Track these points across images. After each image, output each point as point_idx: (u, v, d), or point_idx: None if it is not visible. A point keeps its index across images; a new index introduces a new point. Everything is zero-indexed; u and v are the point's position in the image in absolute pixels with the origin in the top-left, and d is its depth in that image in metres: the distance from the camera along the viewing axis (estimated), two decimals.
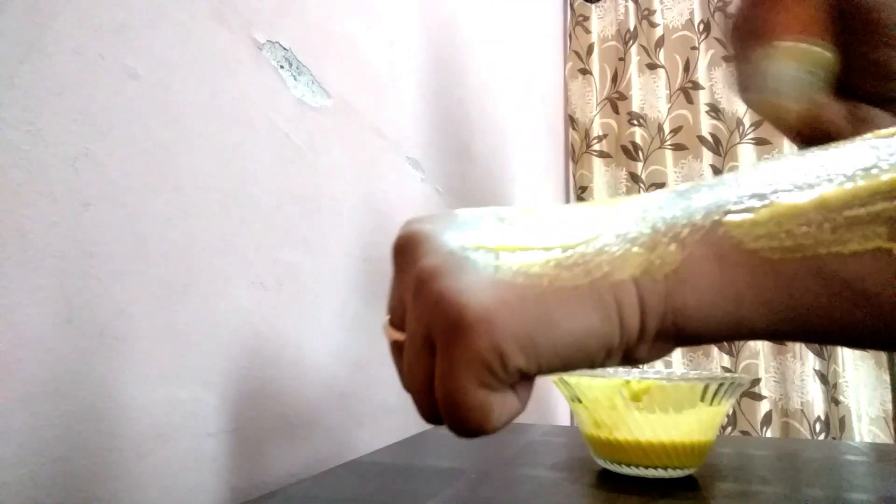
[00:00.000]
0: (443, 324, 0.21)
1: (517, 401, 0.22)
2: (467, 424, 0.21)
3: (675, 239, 0.21)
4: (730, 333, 0.21)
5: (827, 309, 0.19)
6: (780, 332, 0.20)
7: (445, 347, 0.21)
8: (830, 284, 0.19)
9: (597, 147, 1.68)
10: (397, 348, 0.25)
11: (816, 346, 1.38)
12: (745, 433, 1.41)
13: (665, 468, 0.43)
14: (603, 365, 0.22)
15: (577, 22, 1.76)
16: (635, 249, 0.21)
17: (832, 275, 0.19)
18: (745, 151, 1.52)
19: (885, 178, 0.18)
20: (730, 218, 0.20)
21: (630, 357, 0.22)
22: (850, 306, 0.19)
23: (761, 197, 0.20)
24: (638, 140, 1.62)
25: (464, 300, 0.20)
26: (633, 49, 1.65)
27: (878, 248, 0.18)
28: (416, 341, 0.22)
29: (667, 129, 1.60)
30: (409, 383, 0.23)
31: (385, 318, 0.25)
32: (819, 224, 0.19)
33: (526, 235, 0.22)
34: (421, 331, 0.22)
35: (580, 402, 0.45)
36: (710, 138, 1.56)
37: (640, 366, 0.23)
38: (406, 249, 0.23)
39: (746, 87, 0.42)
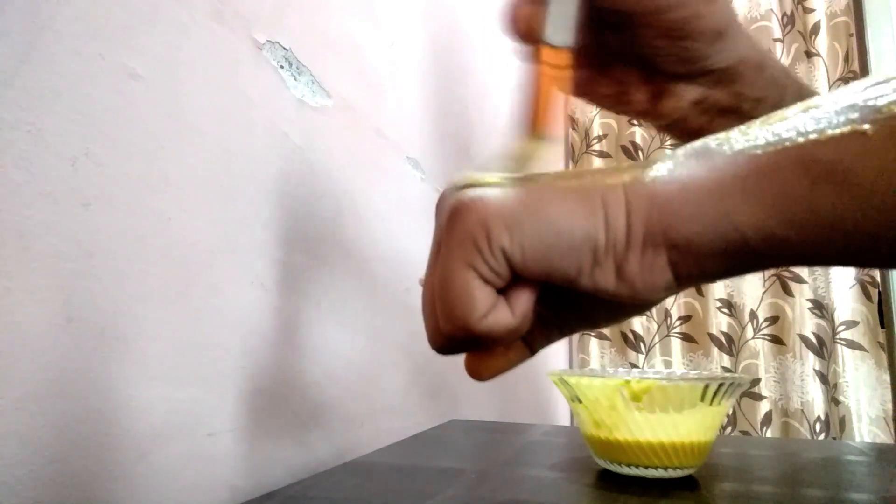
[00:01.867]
0: (447, 218, 0.23)
1: (508, 311, 0.23)
2: (453, 308, 0.22)
3: (664, 157, 0.22)
4: (720, 237, 0.20)
5: (809, 194, 0.19)
6: (769, 233, 0.20)
7: (445, 236, 0.22)
8: (810, 168, 0.19)
9: (597, 147, 1.68)
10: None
11: (816, 346, 1.38)
12: (745, 433, 1.41)
13: (665, 468, 0.43)
14: (593, 278, 0.22)
15: None
16: (626, 167, 0.23)
17: (812, 159, 0.19)
18: None
19: (861, 85, 0.20)
20: (718, 137, 0.22)
21: (623, 273, 0.22)
22: (830, 188, 0.19)
23: (753, 122, 0.22)
24: (638, 140, 1.62)
25: (469, 194, 0.22)
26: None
27: (852, 130, 0.19)
28: (432, 253, 0.24)
29: None
30: (423, 302, 0.24)
31: (422, 274, 0.26)
32: (801, 120, 0.20)
33: (540, 175, 0.24)
34: (435, 242, 0.24)
35: (580, 402, 0.45)
36: None
37: (640, 298, 0.22)
38: (438, 200, 0.25)
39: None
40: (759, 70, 0.35)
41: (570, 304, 0.27)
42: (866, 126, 0.19)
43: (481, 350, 0.26)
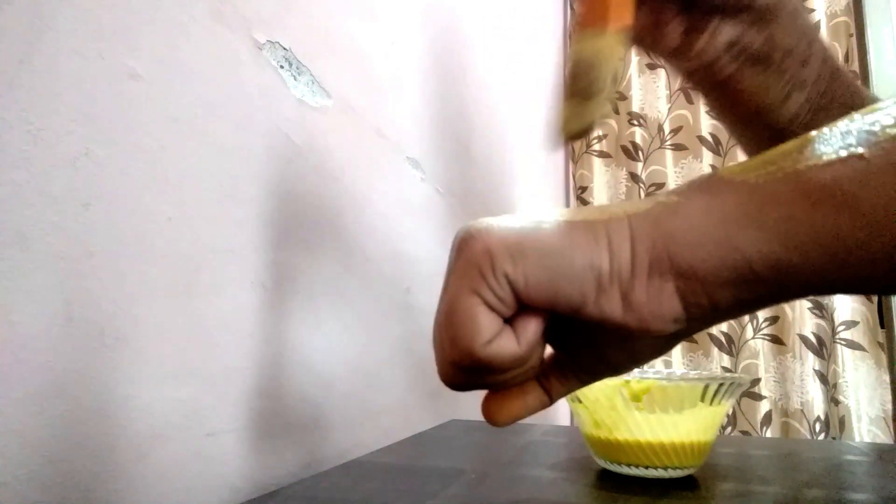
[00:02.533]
0: (455, 249, 0.23)
1: (514, 339, 0.23)
2: (456, 333, 0.22)
3: (666, 191, 0.23)
4: (725, 263, 0.21)
5: (809, 217, 0.20)
6: (773, 258, 0.20)
7: (452, 266, 0.23)
8: (809, 192, 0.20)
9: (597, 147, 1.68)
10: None
11: (816, 346, 1.38)
12: (745, 433, 1.41)
13: (665, 468, 0.43)
14: (599, 305, 0.22)
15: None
16: (630, 202, 0.23)
17: (810, 183, 0.20)
18: None
19: (856, 116, 0.21)
20: (723, 170, 0.23)
21: (629, 302, 0.22)
22: (831, 211, 0.19)
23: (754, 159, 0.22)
24: (638, 140, 1.62)
25: (475, 224, 0.23)
26: (633, 49, 1.65)
27: (849, 154, 0.19)
28: (444, 287, 0.24)
29: (667, 129, 1.60)
30: (433, 339, 0.25)
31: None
32: (799, 149, 0.21)
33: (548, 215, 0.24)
34: (447, 274, 0.24)
35: (580, 402, 0.45)
36: (710, 138, 1.56)
37: (648, 328, 0.22)
38: (457, 237, 0.25)
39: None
40: (794, 17, 0.35)
41: (585, 345, 0.26)
42: (863, 150, 0.19)
43: (494, 388, 0.26)
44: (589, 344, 0.26)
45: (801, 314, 1.41)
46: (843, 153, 0.20)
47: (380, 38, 0.69)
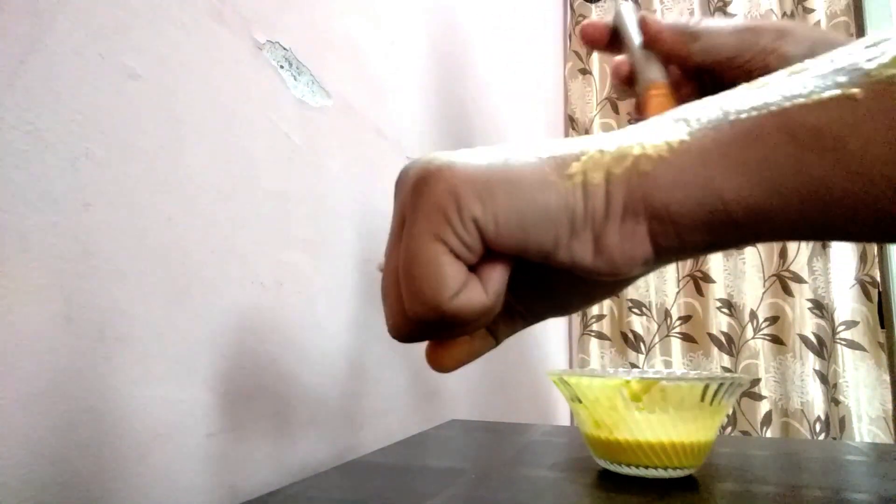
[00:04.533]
0: (411, 188, 0.21)
1: (481, 289, 0.21)
2: (420, 285, 0.20)
3: (645, 129, 0.21)
4: (702, 205, 0.19)
5: (795, 161, 0.18)
6: (752, 202, 0.19)
7: (411, 208, 0.21)
8: (798, 134, 0.18)
9: None
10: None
11: (816, 346, 1.38)
12: (745, 433, 1.41)
13: (665, 468, 0.43)
14: (571, 250, 0.21)
15: (577, 22, 1.76)
16: (603, 135, 0.22)
17: (798, 124, 0.18)
18: None
19: (848, 49, 0.19)
20: (702, 105, 0.21)
21: (601, 245, 0.21)
22: (817, 155, 0.18)
23: (735, 91, 0.21)
24: None
25: (431, 162, 0.21)
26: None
27: (841, 94, 0.18)
28: (394, 231, 0.22)
29: None
30: (384, 285, 0.23)
31: (381, 259, 0.25)
32: (785, 85, 0.19)
33: (507, 148, 0.22)
34: (398, 217, 0.22)
35: (580, 402, 0.45)
36: None
37: (618, 272, 0.21)
38: (399, 176, 0.23)
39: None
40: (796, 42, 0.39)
41: (538, 287, 0.25)
42: (856, 90, 0.18)
43: (447, 338, 0.25)
44: (543, 286, 0.25)
45: (801, 314, 1.41)
46: (836, 92, 0.18)
47: (380, 37, 0.69)
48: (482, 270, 0.21)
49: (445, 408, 0.83)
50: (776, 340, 1.43)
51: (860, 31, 1.45)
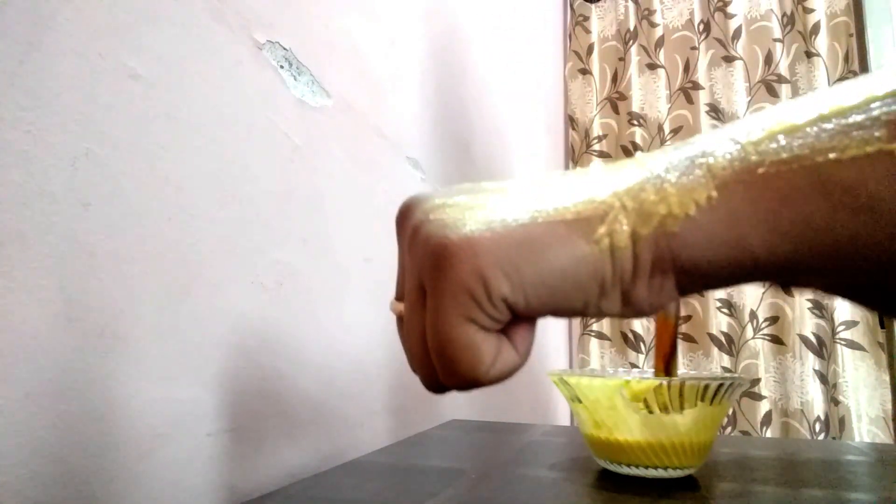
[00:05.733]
0: (430, 261, 0.20)
1: (513, 350, 0.21)
2: (458, 366, 0.20)
3: (667, 177, 0.20)
4: (731, 261, 0.19)
5: (828, 219, 0.18)
6: (782, 256, 0.19)
7: (433, 284, 0.20)
8: (830, 192, 0.18)
9: (597, 147, 1.68)
10: (401, 321, 0.24)
11: (816, 346, 1.38)
12: (745, 433, 1.41)
13: (665, 468, 0.43)
14: (599, 307, 0.21)
15: (577, 22, 1.76)
16: (627, 179, 0.21)
17: (832, 181, 0.18)
18: None
19: (881, 91, 0.18)
20: (723, 148, 0.20)
21: (630, 299, 0.21)
22: (851, 214, 0.18)
23: (758, 127, 0.20)
24: (638, 140, 1.62)
25: (449, 233, 0.20)
26: (633, 49, 1.65)
27: (878, 150, 0.17)
28: (412, 295, 0.22)
29: (667, 129, 1.60)
30: (408, 345, 0.23)
31: (392, 297, 0.25)
32: (816, 134, 0.18)
33: (518, 189, 0.22)
34: (415, 282, 0.22)
35: (580, 402, 0.45)
36: None
37: (645, 316, 0.22)
38: (403, 216, 0.23)
39: None
40: None
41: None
42: (893, 147, 0.17)
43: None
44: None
45: (801, 314, 1.41)
46: (870, 149, 0.17)
47: (380, 37, 0.69)
48: (512, 332, 0.22)
49: (445, 408, 0.83)
50: (776, 340, 1.43)
51: (860, 31, 1.45)
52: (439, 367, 0.21)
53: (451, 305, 0.20)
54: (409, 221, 0.23)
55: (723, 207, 0.19)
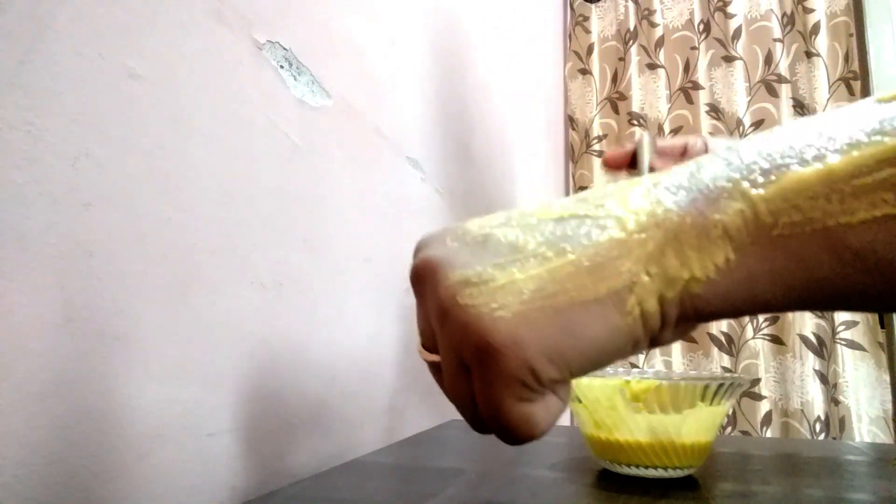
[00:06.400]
0: (472, 351, 0.21)
1: (559, 401, 0.23)
2: (517, 436, 0.22)
3: (685, 238, 0.21)
4: (746, 309, 0.21)
5: (840, 279, 0.19)
6: (794, 305, 0.20)
7: (479, 372, 0.22)
8: (842, 255, 0.19)
9: (597, 147, 1.68)
10: (434, 368, 0.26)
11: (816, 346, 1.38)
12: (745, 433, 1.41)
13: (665, 468, 0.43)
14: (633, 353, 0.23)
15: (577, 22, 1.76)
16: (648, 245, 0.21)
17: (843, 245, 0.19)
18: None
19: (890, 143, 0.18)
20: (734, 203, 0.20)
21: (656, 342, 0.23)
22: (862, 275, 0.19)
23: (765, 172, 0.20)
24: None
25: (488, 325, 0.21)
26: (633, 49, 1.65)
27: (886, 214, 0.18)
28: (451, 367, 0.23)
29: (667, 129, 1.60)
30: (453, 401, 0.25)
31: (417, 340, 0.26)
32: (826, 196, 0.19)
33: (537, 249, 0.22)
34: (453, 357, 0.23)
35: (580, 402, 0.45)
36: None
37: (662, 346, 0.24)
38: (423, 279, 0.24)
39: None
40: None
41: None
42: None
43: None
44: None
45: (801, 314, 1.41)
46: (878, 213, 0.18)
47: (380, 38, 0.69)
48: (556, 387, 0.23)
49: (445, 408, 0.83)
50: (776, 340, 1.43)
51: (860, 31, 1.45)
52: (495, 432, 0.23)
53: (503, 392, 0.21)
54: (430, 288, 0.23)
55: (740, 268, 0.20)
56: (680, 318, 0.21)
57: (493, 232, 0.23)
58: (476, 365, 0.22)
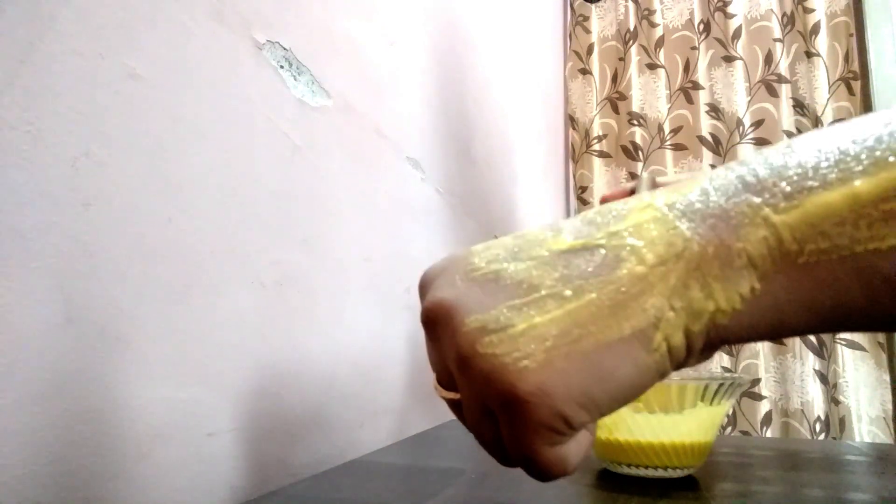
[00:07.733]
0: (498, 400, 0.21)
1: (589, 435, 0.23)
2: (549, 476, 0.22)
3: (704, 266, 0.20)
4: (771, 335, 0.21)
5: (868, 304, 0.19)
6: (819, 329, 0.20)
7: (507, 419, 0.21)
8: (871, 281, 0.18)
9: (597, 147, 1.68)
10: (454, 405, 0.25)
11: (816, 345, 1.38)
12: (745, 433, 1.41)
13: (665, 468, 0.43)
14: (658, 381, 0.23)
15: (577, 22, 1.76)
16: (671, 278, 0.20)
17: (872, 272, 0.18)
18: (745, 151, 1.52)
19: None
20: (757, 231, 0.20)
21: (681, 367, 0.22)
22: (889, 299, 0.18)
23: (788, 196, 0.19)
24: (638, 140, 1.62)
25: (513, 376, 0.20)
26: (633, 49, 1.65)
27: None
28: (475, 411, 0.23)
29: (667, 129, 1.60)
30: (479, 441, 0.24)
31: (433, 378, 0.26)
32: (854, 222, 0.18)
33: (553, 287, 0.21)
34: (476, 403, 0.22)
35: None
36: (709, 138, 1.56)
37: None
38: (436, 323, 0.23)
39: None
40: None
41: None
42: None
43: None
44: None
45: None
46: None
47: (380, 38, 0.69)
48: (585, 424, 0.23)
49: (446, 408, 0.83)
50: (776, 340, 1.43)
51: (860, 31, 1.45)
52: (526, 472, 0.22)
53: (532, 438, 0.21)
54: (445, 332, 0.22)
55: (766, 297, 0.20)
56: (705, 347, 0.21)
57: (503, 268, 0.22)
58: (503, 413, 0.21)
